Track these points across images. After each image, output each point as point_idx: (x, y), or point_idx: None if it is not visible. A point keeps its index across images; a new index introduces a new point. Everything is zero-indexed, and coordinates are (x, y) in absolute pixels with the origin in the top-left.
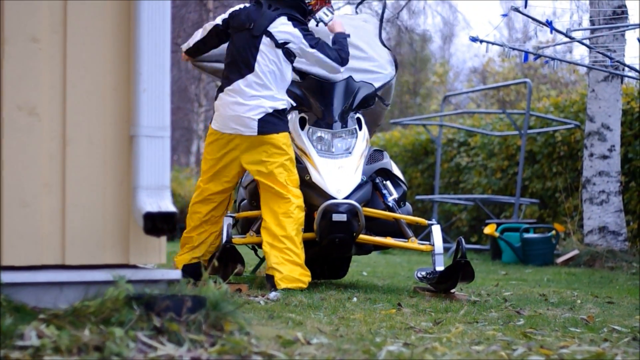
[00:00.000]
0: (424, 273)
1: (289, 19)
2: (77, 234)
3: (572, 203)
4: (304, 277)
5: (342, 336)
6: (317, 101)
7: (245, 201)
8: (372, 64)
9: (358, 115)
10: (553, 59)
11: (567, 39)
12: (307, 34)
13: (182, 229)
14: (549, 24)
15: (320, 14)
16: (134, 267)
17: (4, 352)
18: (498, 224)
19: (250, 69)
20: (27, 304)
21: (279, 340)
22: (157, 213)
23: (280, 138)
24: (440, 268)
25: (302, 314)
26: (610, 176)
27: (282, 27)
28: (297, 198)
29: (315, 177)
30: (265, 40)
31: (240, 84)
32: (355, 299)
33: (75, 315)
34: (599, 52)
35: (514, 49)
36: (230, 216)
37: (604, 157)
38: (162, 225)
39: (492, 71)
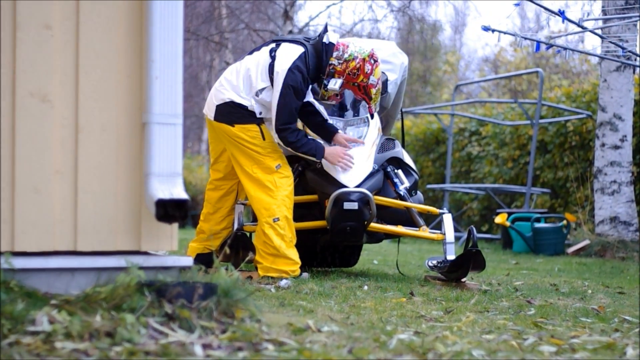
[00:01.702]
0: (435, 262)
1: (300, 58)
2: (89, 220)
3: (584, 193)
4: (285, 265)
5: (352, 324)
6: None
7: None
8: (382, 53)
9: None
10: (565, 48)
11: (579, 29)
12: (293, 80)
13: (194, 217)
14: (561, 13)
15: (330, 83)
16: (146, 253)
17: (16, 337)
18: (509, 214)
19: (241, 59)
20: (39, 289)
21: (290, 327)
22: (169, 200)
23: (235, 131)
24: (451, 257)
25: (313, 301)
26: (622, 166)
27: (289, 49)
28: (269, 190)
29: (327, 165)
30: (271, 45)
31: (226, 70)
32: (366, 287)
33: (87, 301)
34: (611, 42)
35: (526, 38)
36: (242, 203)
37: (616, 147)
38: (174, 212)
39: (504, 60)
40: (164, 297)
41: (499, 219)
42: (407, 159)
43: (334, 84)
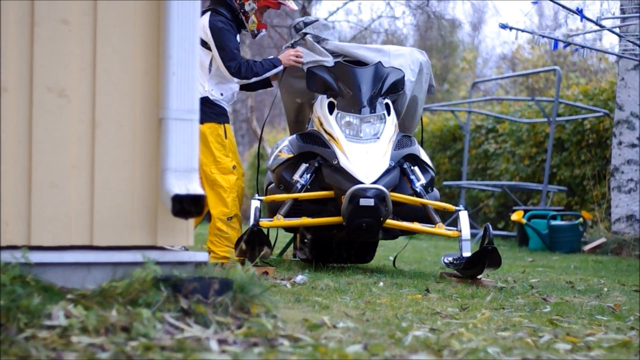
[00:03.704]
0: (450, 259)
1: (212, 13)
2: (106, 215)
3: (600, 191)
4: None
5: (368, 320)
6: (346, 86)
7: (273, 184)
8: (394, 47)
9: (387, 100)
10: (583, 47)
11: (597, 27)
12: (219, 32)
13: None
14: (579, 12)
15: (246, 6)
16: (162, 248)
17: (32, 331)
18: (525, 211)
19: None
20: (55, 284)
21: (305, 323)
22: (185, 195)
23: (203, 128)
24: (467, 254)
25: (329, 297)
26: (639, 165)
27: (202, 19)
28: (226, 187)
29: (343, 162)
30: None
31: None
32: (381, 283)
33: (103, 295)
34: (629, 41)
35: (543, 36)
36: (258, 199)
37: (633, 145)
38: (190, 207)
39: (521, 58)
40: (180, 293)
41: (515, 216)
42: (424, 156)
43: (249, 5)
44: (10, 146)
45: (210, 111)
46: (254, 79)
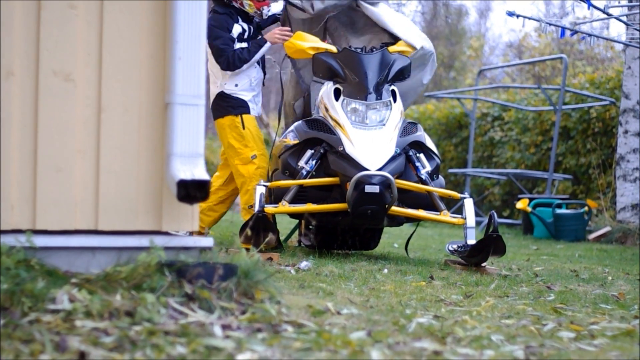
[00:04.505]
0: (455, 246)
1: (210, 12)
2: (110, 199)
3: (606, 180)
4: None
5: (372, 307)
6: (352, 72)
7: (278, 171)
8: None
9: (393, 87)
10: (590, 35)
11: (604, 16)
12: (208, 31)
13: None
14: (586, 0)
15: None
16: (167, 233)
17: (36, 315)
18: (530, 199)
19: None
20: (60, 268)
21: (309, 309)
22: (190, 181)
23: (223, 122)
24: (471, 241)
25: (333, 284)
26: None
27: None
28: (246, 176)
29: (349, 149)
30: None
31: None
32: (386, 270)
33: (107, 280)
34: (636, 29)
35: (550, 24)
36: (263, 185)
37: (639, 134)
38: (195, 192)
39: (528, 46)
40: (184, 278)
41: (520, 205)
42: (429, 143)
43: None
44: (16, 130)
45: (226, 104)
46: (245, 66)
